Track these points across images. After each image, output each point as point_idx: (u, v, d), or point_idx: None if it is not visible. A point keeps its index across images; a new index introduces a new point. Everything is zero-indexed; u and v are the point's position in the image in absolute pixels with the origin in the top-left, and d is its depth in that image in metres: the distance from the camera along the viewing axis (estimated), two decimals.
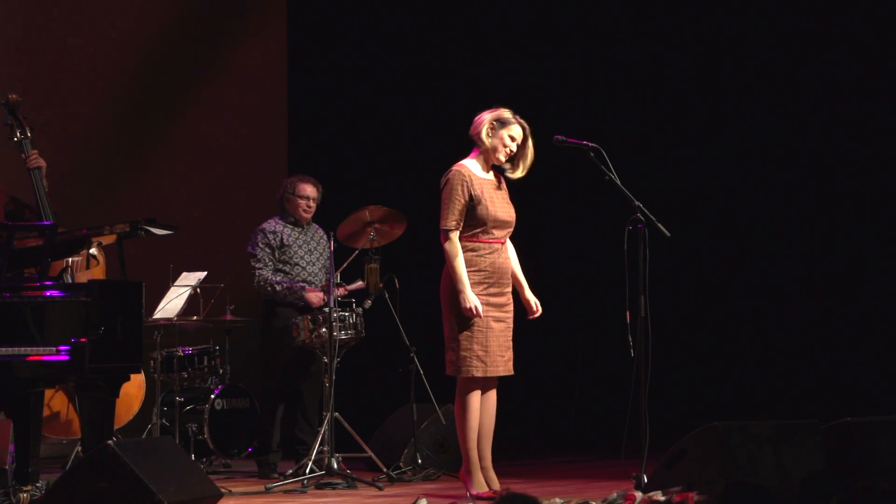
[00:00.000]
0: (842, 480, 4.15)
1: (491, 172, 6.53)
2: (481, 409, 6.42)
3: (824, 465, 5.63)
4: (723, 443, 5.56)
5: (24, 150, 6.36)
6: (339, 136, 11.13)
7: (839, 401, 8.86)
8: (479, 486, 6.35)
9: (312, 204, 7.96)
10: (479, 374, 6.32)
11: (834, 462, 5.70)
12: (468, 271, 6.31)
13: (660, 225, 6.26)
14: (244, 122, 10.70)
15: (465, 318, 6.29)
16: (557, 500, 5.81)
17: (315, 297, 7.78)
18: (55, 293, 5.65)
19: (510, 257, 6.53)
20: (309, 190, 7.93)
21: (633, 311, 6.19)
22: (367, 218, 7.68)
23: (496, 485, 6.37)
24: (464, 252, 6.35)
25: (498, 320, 6.38)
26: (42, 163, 6.34)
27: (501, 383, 6.52)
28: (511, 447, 6.61)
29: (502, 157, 6.46)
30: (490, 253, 6.39)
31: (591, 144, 6.42)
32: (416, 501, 5.93)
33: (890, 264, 9.72)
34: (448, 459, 7.80)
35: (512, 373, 6.44)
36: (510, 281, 6.48)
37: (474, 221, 6.37)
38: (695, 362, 10.33)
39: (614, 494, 5.70)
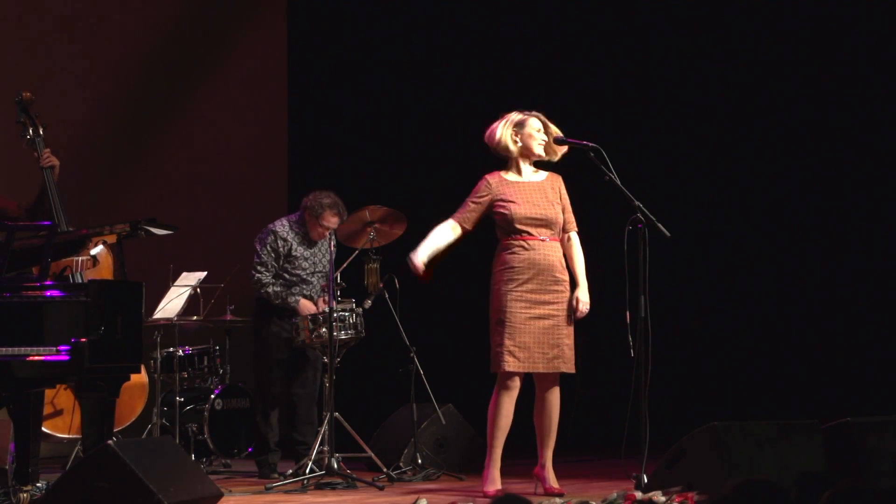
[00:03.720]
0: (834, 479, 4.13)
1: (538, 173, 6.57)
2: (539, 408, 6.49)
3: (825, 465, 5.63)
4: (723, 443, 5.56)
5: (37, 148, 6.37)
6: (339, 136, 11.12)
7: (839, 401, 8.86)
8: (493, 484, 6.38)
9: (328, 234, 7.83)
10: (509, 368, 6.35)
11: (834, 462, 5.70)
12: (500, 269, 6.42)
13: (660, 225, 6.26)
14: (244, 123, 10.69)
15: (502, 315, 6.36)
16: (557, 499, 5.82)
17: (305, 308, 7.74)
18: (55, 293, 5.64)
19: (569, 254, 6.54)
20: (333, 222, 7.71)
21: (633, 311, 6.19)
22: (367, 218, 7.67)
23: (554, 483, 6.44)
24: (499, 252, 6.48)
25: (540, 317, 6.39)
26: (55, 161, 6.35)
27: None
28: (511, 447, 6.60)
29: (541, 152, 6.49)
30: (525, 249, 6.42)
31: (591, 144, 6.43)
32: (416, 501, 5.93)
33: (890, 264, 9.72)
34: (448, 459, 7.81)
35: (559, 370, 6.47)
36: (559, 278, 6.48)
37: (504, 223, 6.48)
38: (695, 362, 10.32)
39: (614, 494, 5.70)
